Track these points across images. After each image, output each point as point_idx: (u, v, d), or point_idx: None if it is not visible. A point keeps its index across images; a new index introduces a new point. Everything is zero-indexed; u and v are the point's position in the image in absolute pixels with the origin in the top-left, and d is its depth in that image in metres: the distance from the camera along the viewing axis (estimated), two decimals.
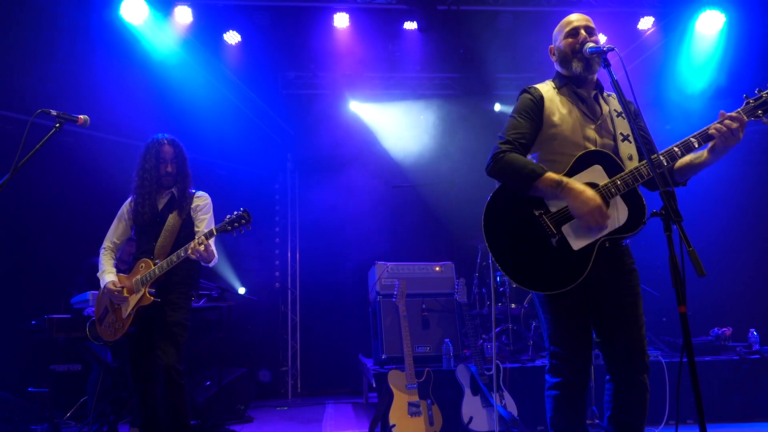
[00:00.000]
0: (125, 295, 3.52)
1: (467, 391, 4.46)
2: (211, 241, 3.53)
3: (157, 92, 6.21)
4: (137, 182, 3.69)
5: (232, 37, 6.60)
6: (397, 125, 7.58)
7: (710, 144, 2.46)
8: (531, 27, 6.43)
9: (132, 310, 3.49)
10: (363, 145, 7.70)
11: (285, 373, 7.74)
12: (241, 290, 7.52)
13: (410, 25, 6.53)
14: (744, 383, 4.94)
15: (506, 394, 4.46)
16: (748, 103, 2.44)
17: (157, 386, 3.48)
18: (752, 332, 5.21)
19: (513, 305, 5.65)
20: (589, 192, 2.40)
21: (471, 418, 4.36)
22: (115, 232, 3.78)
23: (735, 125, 2.36)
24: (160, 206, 3.70)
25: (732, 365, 4.98)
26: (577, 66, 2.64)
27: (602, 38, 5.96)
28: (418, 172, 7.44)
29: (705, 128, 2.43)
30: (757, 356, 5.01)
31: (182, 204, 3.69)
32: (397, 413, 4.32)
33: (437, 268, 5.44)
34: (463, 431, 4.36)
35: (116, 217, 3.80)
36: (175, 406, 3.44)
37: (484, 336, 5.50)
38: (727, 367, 4.98)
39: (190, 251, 3.39)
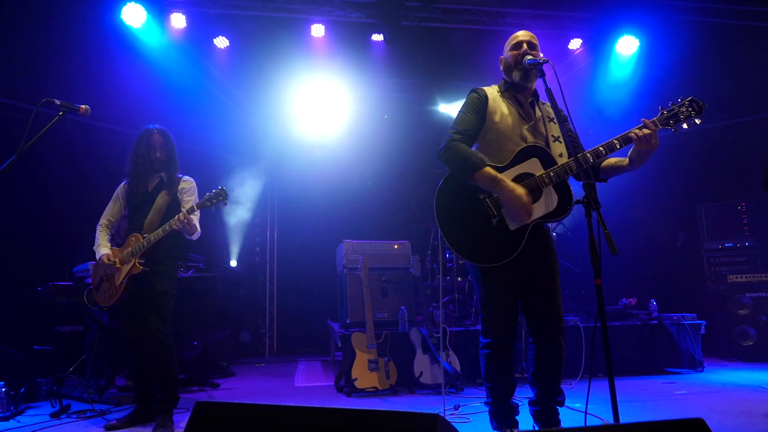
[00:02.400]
0: (118, 266, 3.38)
1: (418, 351, 4.47)
2: (195, 217, 3.40)
3: (152, 87, 5.95)
4: (131, 166, 3.53)
5: (221, 42, 6.39)
6: (365, 122, 7.46)
7: (630, 151, 2.46)
8: (478, 42, 6.42)
9: (124, 278, 3.36)
10: (333, 139, 7.56)
11: (263, 335, 7.64)
12: (233, 263, 7.41)
13: (377, 37, 6.39)
14: (644, 344, 5.09)
15: (451, 352, 4.49)
16: (662, 113, 2.43)
17: (148, 346, 3.37)
18: (652, 302, 5.36)
19: (459, 278, 5.66)
20: (519, 190, 2.39)
21: (421, 373, 4.38)
22: (111, 211, 3.61)
23: (647, 131, 2.36)
24: (151, 188, 3.55)
25: (636, 329, 5.12)
26: (517, 75, 2.62)
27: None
28: (381, 163, 7.37)
29: (626, 132, 2.43)
30: (656, 322, 5.17)
31: (170, 186, 3.54)
32: (359, 369, 4.30)
33: (396, 246, 5.40)
34: (414, 384, 4.39)
35: (112, 198, 3.63)
36: (163, 363, 3.35)
37: (434, 304, 5.51)
38: (632, 330, 5.12)
39: (174, 223, 3.27)
